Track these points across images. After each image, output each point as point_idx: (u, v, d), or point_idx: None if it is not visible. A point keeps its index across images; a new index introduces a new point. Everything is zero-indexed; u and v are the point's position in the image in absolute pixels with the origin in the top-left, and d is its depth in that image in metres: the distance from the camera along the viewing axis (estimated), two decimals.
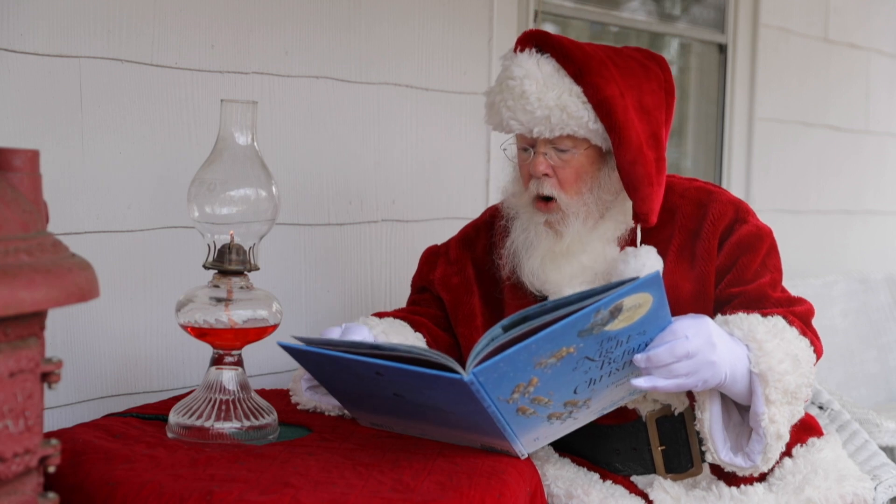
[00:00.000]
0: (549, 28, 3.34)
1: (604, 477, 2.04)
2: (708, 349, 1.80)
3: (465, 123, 2.96)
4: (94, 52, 2.16)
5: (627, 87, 1.99)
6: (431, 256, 2.29)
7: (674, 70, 2.14)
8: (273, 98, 2.49)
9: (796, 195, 4.21)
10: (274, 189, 1.92)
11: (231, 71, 2.40)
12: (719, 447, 1.90)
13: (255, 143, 1.93)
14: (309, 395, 2.09)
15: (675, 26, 3.92)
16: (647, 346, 1.79)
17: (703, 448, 1.92)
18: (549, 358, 1.66)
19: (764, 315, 1.94)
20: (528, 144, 2.05)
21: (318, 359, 1.77)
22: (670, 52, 4.04)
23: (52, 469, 1.33)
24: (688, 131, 4.06)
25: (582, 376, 1.73)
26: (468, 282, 2.20)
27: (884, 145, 4.64)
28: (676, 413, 2.04)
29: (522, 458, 1.81)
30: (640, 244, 2.06)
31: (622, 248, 2.07)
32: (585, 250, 2.04)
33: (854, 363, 3.77)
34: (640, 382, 1.78)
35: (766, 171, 4.07)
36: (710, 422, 1.90)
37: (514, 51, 2.03)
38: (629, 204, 2.05)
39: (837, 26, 4.31)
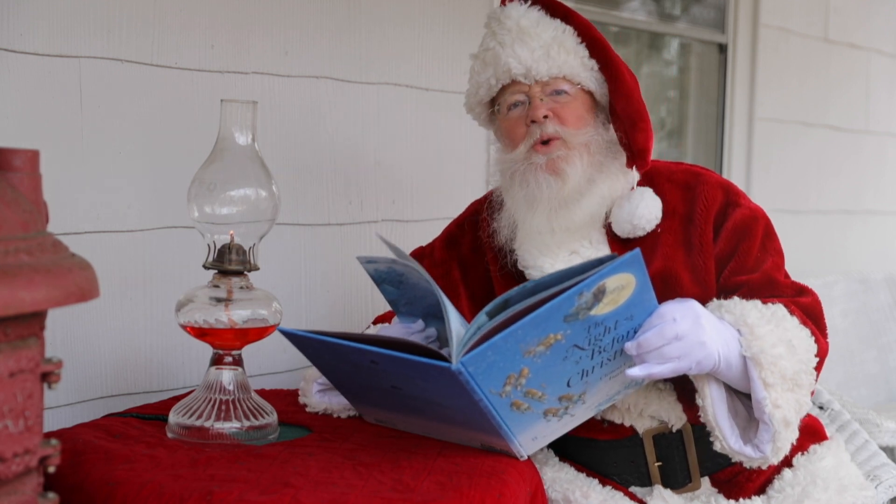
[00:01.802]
0: None
1: (603, 483, 2.02)
2: (697, 330, 1.78)
3: (465, 123, 2.96)
4: (94, 52, 2.16)
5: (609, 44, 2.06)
6: (418, 259, 2.26)
7: (674, 70, 2.15)
8: (273, 98, 2.49)
9: (796, 195, 4.21)
10: (274, 189, 1.92)
11: (231, 71, 2.40)
12: (727, 434, 1.85)
13: (255, 143, 1.93)
14: (318, 398, 2.07)
15: (675, 26, 3.92)
16: (635, 332, 1.77)
17: (712, 438, 1.87)
18: (538, 346, 1.65)
19: (765, 303, 1.91)
20: (519, 99, 2.03)
21: (316, 345, 1.76)
22: (670, 52, 4.04)
23: (52, 469, 1.33)
24: (688, 131, 4.06)
25: (573, 367, 1.72)
26: (454, 284, 2.17)
27: (884, 145, 4.64)
28: (674, 430, 2.02)
29: (522, 459, 1.80)
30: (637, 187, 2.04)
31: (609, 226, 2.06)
32: (591, 191, 2.01)
33: (854, 363, 3.77)
34: (635, 371, 1.75)
35: (766, 171, 4.07)
36: (714, 408, 1.86)
37: (501, 5, 2.08)
38: (621, 172, 2.04)
39: (837, 26, 4.31)
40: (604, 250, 2.04)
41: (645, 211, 2.01)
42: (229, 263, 1.89)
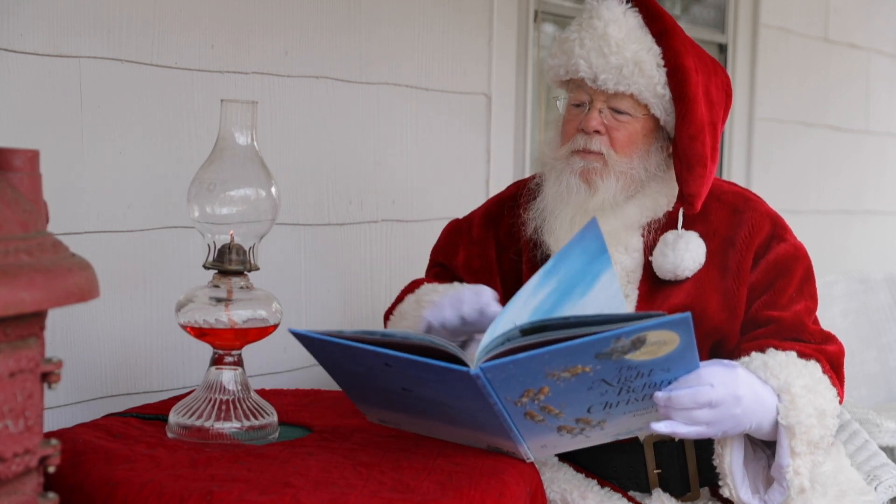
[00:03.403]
0: (549, 28, 3.34)
1: (602, 484, 2.01)
2: (732, 402, 1.75)
3: (465, 123, 2.96)
4: (94, 52, 2.16)
5: (701, 69, 1.97)
6: (454, 235, 2.21)
7: None
8: (273, 98, 2.49)
9: (796, 195, 4.21)
10: (274, 189, 1.92)
11: (231, 71, 2.40)
12: (738, 484, 1.84)
13: (255, 143, 1.93)
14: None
15: None
16: (669, 383, 1.72)
17: (721, 483, 1.87)
18: (563, 372, 1.62)
19: (800, 354, 1.89)
20: (582, 100, 1.99)
21: (328, 347, 1.74)
22: None
23: (52, 469, 1.33)
24: None
25: (598, 398, 1.69)
26: (489, 265, 2.13)
27: (884, 145, 4.64)
28: (677, 439, 2.00)
29: (528, 461, 1.79)
30: (681, 231, 1.99)
31: (649, 236, 2.02)
32: (617, 215, 1.98)
33: (854, 363, 3.76)
34: (660, 427, 1.72)
35: (766, 171, 4.07)
36: (731, 458, 1.84)
37: None
38: (669, 187, 2.01)
39: (837, 26, 4.31)
40: (637, 259, 2.01)
41: (691, 263, 1.97)
42: (229, 263, 1.89)
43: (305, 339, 1.75)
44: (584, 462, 2.05)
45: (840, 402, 1.93)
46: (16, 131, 2.05)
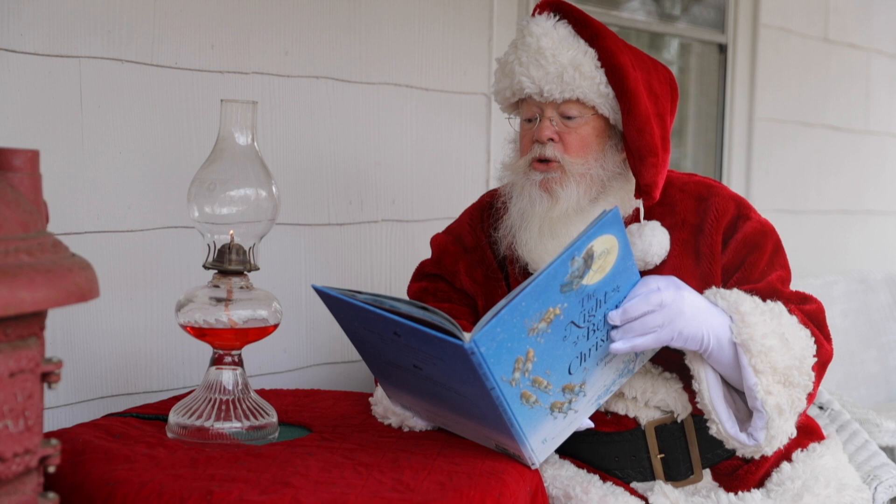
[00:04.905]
0: None
1: (604, 479, 2.03)
2: (678, 300, 1.82)
3: (465, 123, 2.96)
4: (94, 52, 2.16)
5: (638, 66, 2.03)
6: (449, 245, 2.23)
7: (674, 70, 2.16)
8: (273, 98, 2.49)
9: (796, 195, 4.21)
10: (274, 189, 1.92)
11: (231, 71, 2.40)
12: (724, 419, 1.89)
13: (255, 143, 1.93)
14: (398, 408, 1.98)
15: (675, 26, 3.92)
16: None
17: (708, 423, 1.91)
18: (540, 322, 1.69)
19: (763, 300, 1.93)
20: (534, 113, 2.05)
21: (347, 309, 1.77)
22: (670, 52, 4.04)
23: (52, 469, 1.33)
24: (688, 131, 4.06)
25: (573, 349, 1.76)
26: (493, 269, 2.16)
27: (884, 145, 4.64)
28: (679, 420, 2.04)
29: (534, 467, 1.80)
30: (644, 221, 2.05)
31: None
32: (585, 219, 2.02)
33: (854, 363, 3.77)
34: (619, 345, 1.79)
35: (766, 171, 4.07)
36: (710, 392, 1.89)
37: (532, 15, 2.07)
38: (631, 185, 2.06)
39: (837, 26, 4.31)
40: None
41: (658, 249, 2.02)
42: (229, 263, 1.89)
43: (327, 298, 1.79)
44: (587, 456, 2.07)
45: (827, 354, 1.97)
46: (16, 131, 2.05)
